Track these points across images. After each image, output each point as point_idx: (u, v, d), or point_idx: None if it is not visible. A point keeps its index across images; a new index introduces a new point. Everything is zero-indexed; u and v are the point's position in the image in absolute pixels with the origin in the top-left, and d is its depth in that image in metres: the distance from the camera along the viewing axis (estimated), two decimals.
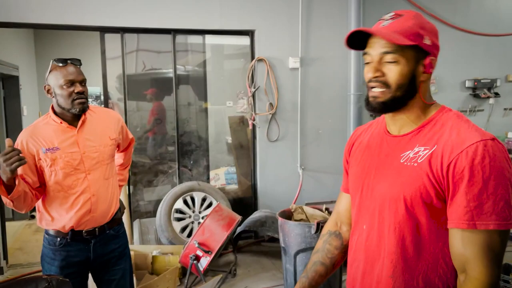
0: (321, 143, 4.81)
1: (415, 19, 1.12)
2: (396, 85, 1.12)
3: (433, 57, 1.14)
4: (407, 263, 1.13)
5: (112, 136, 2.13)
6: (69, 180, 1.98)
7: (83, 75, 2.00)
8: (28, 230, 5.38)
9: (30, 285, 1.39)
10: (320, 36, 4.67)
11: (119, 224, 2.19)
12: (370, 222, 1.22)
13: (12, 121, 5.52)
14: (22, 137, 1.98)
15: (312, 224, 2.98)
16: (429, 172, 1.08)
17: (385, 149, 1.21)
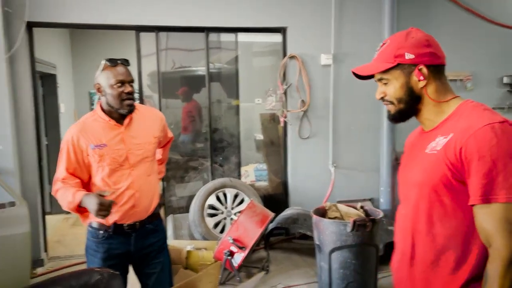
0: (353, 140, 4.77)
1: (394, 43, 1.33)
2: (396, 100, 1.34)
3: (421, 66, 1.30)
4: (437, 242, 1.28)
5: (156, 134, 2.18)
6: (115, 176, 2.04)
7: (131, 76, 2.06)
8: (65, 223, 5.56)
9: (85, 277, 1.45)
10: (353, 32, 4.62)
11: (158, 218, 2.24)
12: (406, 208, 1.39)
13: (50, 118, 5.70)
14: (73, 132, 2.05)
15: (347, 222, 2.97)
16: (445, 157, 1.23)
17: (419, 144, 1.38)
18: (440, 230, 1.27)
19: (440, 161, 1.24)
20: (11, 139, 3.82)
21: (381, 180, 4.71)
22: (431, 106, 1.33)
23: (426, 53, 1.29)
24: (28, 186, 4.04)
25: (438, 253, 1.28)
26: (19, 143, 3.97)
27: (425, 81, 1.30)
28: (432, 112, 1.34)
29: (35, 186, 4.10)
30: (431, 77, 1.31)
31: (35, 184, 4.10)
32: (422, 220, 1.31)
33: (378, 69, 1.34)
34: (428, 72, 1.30)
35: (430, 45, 1.31)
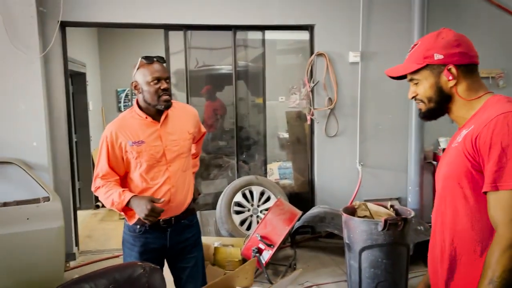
0: (381, 139, 4.72)
1: (424, 44, 1.37)
2: (426, 99, 1.38)
3: (450, 66, 1.32)
4: (463, 233, 1.30)
5: (190, 131, 2.21)
6: (152, 172, 2.08)
7: (167, 73, 2.09)
8: (94, 219, 5.68)
9: (128, 271, 1.48)
10: (382, 29, 4.57)
11: (192, 214, 2.27)
12: (438, 202, 1.42)
13: (79, 116, 5.82)
14: (112, 129, 2.09)
15: (378, 221, 2.94)
16: (464, 148, 1.27)
17: (451, 141, 1.41)
18: (466, 223, 1.30)
19: (460, 152, 1.28)
20: (45, 136, 3.93)
21: (409, 180, 4.65)
22: (462, 104, 1.35)
23: (456, 53, 1.32)
24: (61, 182, 4.15)
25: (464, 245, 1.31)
26: (52, 140, 4.08)
27: (455, 81, 1.33)
28: (463, 109, 1.36)
29: (67, 182, 4.21)
30: (461, 76, 1.33)
31: (67, 180, 4.21)
32: (449, 213, 1.35)
33: (407, 70, 1.39)
34: (458, 72, 1.32)
35: (460, 45, 1.32)
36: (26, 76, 3.83)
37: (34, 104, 3.88)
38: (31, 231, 3.40)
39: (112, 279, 1.43)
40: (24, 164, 3.79)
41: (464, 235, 1.31)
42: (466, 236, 1.30)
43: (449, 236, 1.35)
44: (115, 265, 1.54)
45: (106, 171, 2.08)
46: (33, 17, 3.78)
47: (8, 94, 3.81)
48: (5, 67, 3.78)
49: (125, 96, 7.38)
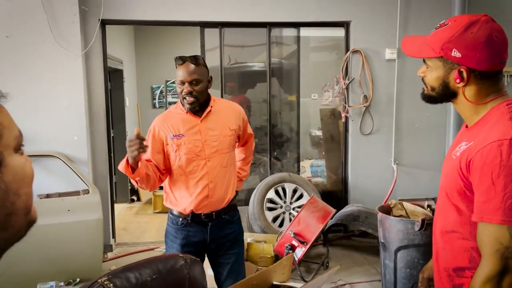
0: (417, 137, 4.62)
1: (449, 31, 1.22)
2: (430, 86, 1.31)
3: (462, 69, 1.21)
4: (455, 241, 1.28)
5: (232, 127, 2.22)
6: (191, 165, 2.12)
7: (194, 75, 2.07)
8: (129, 212, 5.83)
9: (170, 262, 1.52)
10: (420, 25, 4.47)
11: (234, 210, 2.29)
12: (437, 205, 1.42)
13: (117, 112, 5.97)
14: (155, 123, 2.19)
15: (415, 221, 2.89)
16: (459, 167, 1.22)
17: (457, 140, 1.35)
18: (456, 233, 1.28)
19: (455, 169, 1.23)
20: (85, 130, 4.06)
21: None
22: (467, 105, 1.27)
23: (476, 57, 1.18)
24: (99, 175, 4.28)
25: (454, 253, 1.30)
26: (91, 135, 4.21)
27: (463, 83, 1.23)
28: (469, 111, 1.28)
29: (105, 175, 4.33)
30: (473, 81, 1.22)
31: (105, 174, 4.33)
32: (441, 220, 1.35)
33: (420, 54, 1.30)
34: (470, 76, 1.21)
35: (485, 48, 1.18)
36: (69, 72, 3.97)
37: (76, 99, 4.02)
38: (71, 222, 3.53)
39: (155, 269, 1.46)
40: (65, 157, 3.94)
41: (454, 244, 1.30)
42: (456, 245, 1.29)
43: (441, 242, 1.35)
44: (158, 256, 1.58)
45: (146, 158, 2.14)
46: (75, 16, 3.91)
47: (52, 90, 3.96)
48: (49, 64, 3.93)
49: (160, 93, 7.51)
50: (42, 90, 3.96)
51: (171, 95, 7.53)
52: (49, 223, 3.42)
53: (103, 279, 1.38)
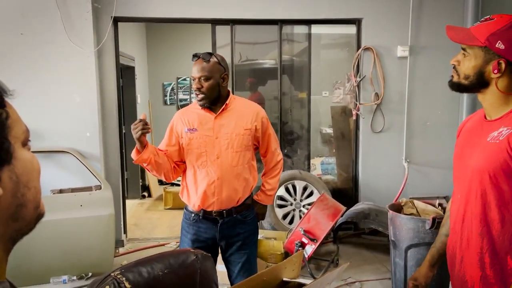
0: (429, 135, 4.59)
1: (496, 24, 1.31)
2: (464, 74, 1.39)
3: (501, 61, 1.31)
4: (493, 224, 1.33)
5: (247, 126, 2.20)
6: (200, 160, 2.15)
7: (203, 72, 2.09)
8: (140, 208, 5.88)
9: (182, 257, 1.54)
10: (432, 23, 4.43)
11: (247, 210, 2.26)
12: (463, 192, 1.44)
13: (128, 108, 6.00)
14: (175, 117, 2.27)
15: (426, 219, 2.87)
16: (508, 147, 1.27)
17: (480, 132, 1.42)
18: (496, 215, 1.33)
19: (502, 150, 1.29)
20: (98, 127, 4.11)
21: None
22: (497, 95, 1.36)
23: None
24: (111, 171, 4.33)
25: (493, 236, 1.34)
26: (104, 131, 4.25)
27: (499, 74, 1.33)
28: (497, 101, 1.37)
29: (117, 171, 4.38)
30: (508, 72, 1.33)
31: (117, 170, 4.38)
32: (478, 204, 1.36)
33: (465, 41, 1.38)
34: (507, 68, 1.32)
35: None
36: (82, 69, 4.02)
37: (88, 96, 4.07)
38: (84, 217, 3.58)
39: (167, 264, 1.48)
40: (78, 153, 3.99)
41: (494, 227, 1.34)
42: (496, 227, 1.33)
43: (478, 227, 1.37)
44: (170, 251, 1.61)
45: (162, 145, 2.24)
46: (88, 13, 3.96)
47: (65, 87, 4.01)
48: (62, 61, 3.98)
49: (171, 89, 7.56)
50: (56, 87, 4.01)
51: (182, 92, 7.57)
52: (62, 218, 3.47)
53: (116, 273, 1.40)
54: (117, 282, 1.36)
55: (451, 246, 1.53)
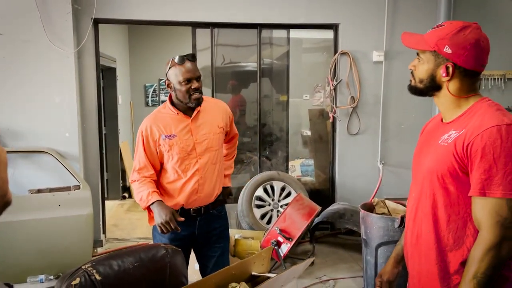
0: (403, 138, 4.73)
1: (444, 30, 1.39)
2: (418, 78, 1.46)
3: (449, 65, 1.38)
4: (439, 222, 1.42)
5: (220, 125, 2.30)
6: (183, 164, 2.19)
7: (199, 72, 2.19)
8: (120, 209, 5.89)
9: (152, 251, 1.60)
10: (406, 29, 4.51)
11: (221, 205, 2.38)
12: (416, 191, 1.51)
13: (109, 110, 6.02)
14: (146, 124, 2.22)
15: (395, 218, 2.99)
16: (454, 151, 1.35)
17: (436, 133, 1.49)
18: (443, 214, 1.41)
19: (449, 153, 1.36)
20: (77, 127, 4.13)
21: None
22: (450, 98, 1.43)
23: (464, 55, 1.36)
24: (90, 171, 4.35)
25: (439, 234, 1.42)
26: (83, 132, 4.27)
27: (448, 78, 1.40)
28: (450, 104, 1.44)
29: (96, 172, 4.40)
30: (457, 76, 1.40)
31: (96, 170, 4.40)
32: (428, 203, 1.44)
33: (416, 46, 1.46)
34: (455, 72, 1.39)
35: (473, 49, 1.36)
36: (61, 70, 4.04)
37: (68, 97, 4.09)
38: (62, 217, 3.59)
39: (137, 258, 1.55)
40: (57, 153, 4.00)
41: (440, 225, 1.42)
42: (443, 226, 1.41)
43: (427, 225, 1.46)
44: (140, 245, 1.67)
45: (143, 164, 2.19)
46: (68, 14, 3.98)
47: (44, 87, 4.03)
48: (42, 62, 3.99)
49: (153, 91, 7.58)
50: (35, 87, 4.02)
51: (164, 93, 7.59)
52: (40, 218, 3.48)
53: (86, 266, 1.46)
54: (88, 275, 1.43)
55: (405, 243, 1.61)
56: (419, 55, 1.47)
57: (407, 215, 1.60)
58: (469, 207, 1.36)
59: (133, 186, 2.21)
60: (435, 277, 1.43)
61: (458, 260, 1.39)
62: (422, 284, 1.49)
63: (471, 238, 1.37)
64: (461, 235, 1.38)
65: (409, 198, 1.61)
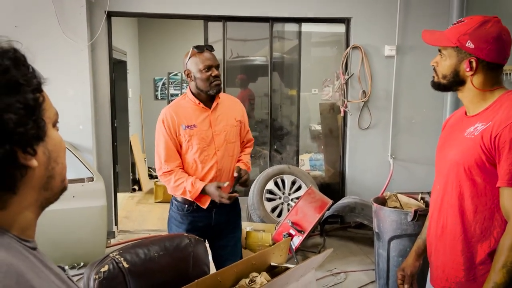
0: (414, 133, 4.73)
1: (465, 26, 1.42)
2: (441, 74, 1.48)
3: (472, 59, 1.40)
4: (466, 214, 1.43)
5: (237, 118, 2.35)
6: (202, 155, 2.22)
7: (217, 60, 2.23)
8: (131, 201, 5.95)
9: (177, 240, 1.63)
10: (419, 24, 4.56)
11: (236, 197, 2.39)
12: (441, 183, 1.53)
13: (120, 103, 6.01)
14: (166, 113, 2.23)
15: (408, 212, 3.00)
16: (481, 142, 1.36)
17: (460, 127, 1.50)
18: (470, 205, 1.42)
19: (476, 145, 1.38)
20: (90, 120, 4.17)
21: None
22: (474, 92, 1.44)
23: (486, 49, 1.38)
24: (103, 164, 4.39)
25: (466, 225, 1.43)
26: (96, 124, 4.31)
27: (472, 72, 1.41)
28: (475, 98, 1.45)
29: (109, 164, 4.44)
30: (481, 70, 1.41)
31: (109, 163, 4.44)
32: (454, 195, 1.46)
33: (438, 43, 1.48)
34: (479, 66, 1.41)
35: (495, 43, 1.38)
36: (75, 63, 4.08)
37: (82, 90, 4.12)
38: (76, 208, 3.64)
39: (162, 246, 1.58)
40: (71, 145, 4.04)
41: (467, 216, 1.43)
42: (469, 217, 1.43)
43: (453, 216, 1.47)
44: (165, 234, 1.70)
45: (171, 153, 2.20)
46: (82, 7, 4.01)
47: (58, 80, 4.05)
48: (56, 55, 4.02)
49: (162, 84, 7.61)
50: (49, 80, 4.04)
51: (173, 87, 7.62)
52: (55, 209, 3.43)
53: (114, 254, 1.49)
54: (116, 262, 1.46)
55: (429, 234, 1.63)
56: (441, 51, 1.48)
57: (432, 207, 1.62)
58: (496, 198, 1.38)
59: (167, 179, 2.20)
60: (461, 267, 1.45)
61: (484, 251, 1.41)
62: (446, 275, 1.51)
63: (498, 228, 1.39)
64: (488, 226, 1.40)
65: (433, 191, 1.63)
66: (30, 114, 0.64)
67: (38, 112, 0.66)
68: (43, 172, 0.68)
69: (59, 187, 0.73)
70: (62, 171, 0.72)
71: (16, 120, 0.61)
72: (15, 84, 0.63)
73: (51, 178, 0.70)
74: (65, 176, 0.74)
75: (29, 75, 0.67)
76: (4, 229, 0.65)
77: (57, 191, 0.73)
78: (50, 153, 0.69)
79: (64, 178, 0.73)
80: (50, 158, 0.69)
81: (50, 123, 0.70)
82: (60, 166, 0.71)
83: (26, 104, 0.63)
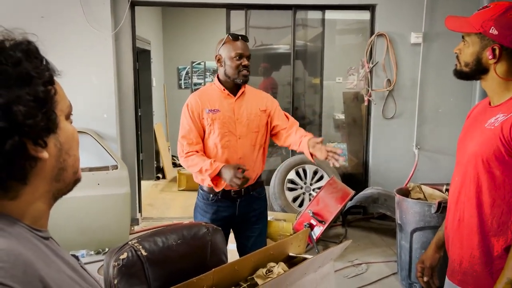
0: (440, 122, 4.61)
1: (490, 12, 1.36)
2: (464, 62, 1.44)
3: (496, 47, 1.35)
4: (483, 207, 1.39)
5: (262, 108, 2.33)
6: (223, 140, 2.24)
7: (249, 51, 2.24)
8: (155, 189, 6.04)
9: (194, 229, 1.65)
10: (446, 10, 4.40)
11: (261, 187, 2.41)
12: (459, 175, 1.49)
13: (143, 92, 6.13)
14: (192, 98, 2.28)
15: (432, 203, 2.94)
16: (500, 134, 1.32)
17: (483, 117, 1.45)
18: (487, 199, 1.38)
19: (495, 136, 1.33)
20: (114, 108, 4.23)
21: None
22: (498, 81, 1.39)
23: (510, 35, 1.33)
24: (127, 152, 4.46)
25: (483, 218, 1.40)
26: (120, 113, 4.38)
27: (494, 60, 1.36)
28: (498, 87, 1.41)
29: (133, 152, 4.51)
30: (505, 58, 1.36)
31: (133, 151, 4.51)
32: (472, 187, 1.42)
33: (461, 29, 1.43)
34: (503, 54, 1.36)
35: None
36: (99, 52, 4.13)
37: (106, 78, 4.19)
38: (101, 195, 3.73)
39: (180, 235, 1.59)
40: (95, 134, 4.13)
41: (484, 209, 1.39)
42: (486, 211, 1.39)
43: (470, 209, 1.43)
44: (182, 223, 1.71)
45: (192, 137, 2.24)
46: None
47: (83, 69, 4.13)
48: (80, 44, 4.09)
49: (185, 73, 7.65)
50: (74, 69, 4.12)
51: (196, 76, 7.65)
52: (80, 196, 3.61)
53: (133, 242, 1.52)
54: (134, 250, 1.48)
55: (446, 227, 1.60)
56: (464, 38, 1.44)
57: (449, 199, 1.58)
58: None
59: (188, 159, 2.22)
60: (477, 261, 1.42)
61: (501, 246, 1.37)
62: (463, 269, 1.47)
63: None
64: (506, 220, 1.36)
65: (451, 182, 1.59)
66: (40, 107, 0.64)
67: (49, 105, 0.66)
68: (54, 163, 0.69)
69: (71, 178, 0.73)
70: (74, 163, 0.73)
71: (25, 112, 0.61)
72: (26, 76, 0.64)
73: (63, 170, 0.71)
74: (78, 168, 0.74)
75: (41, 67, 0.67)
76: (16, 218, 0.66)
77: (69, 183, 0.74)
78: (61, 145, 0.70)
79: (76, 170, 0.74)
80: (61, 150, 0.70)
81: (62, 116, 0.71)
82: (72, 158, 0.72)
83: (36, 97, 0.64)
